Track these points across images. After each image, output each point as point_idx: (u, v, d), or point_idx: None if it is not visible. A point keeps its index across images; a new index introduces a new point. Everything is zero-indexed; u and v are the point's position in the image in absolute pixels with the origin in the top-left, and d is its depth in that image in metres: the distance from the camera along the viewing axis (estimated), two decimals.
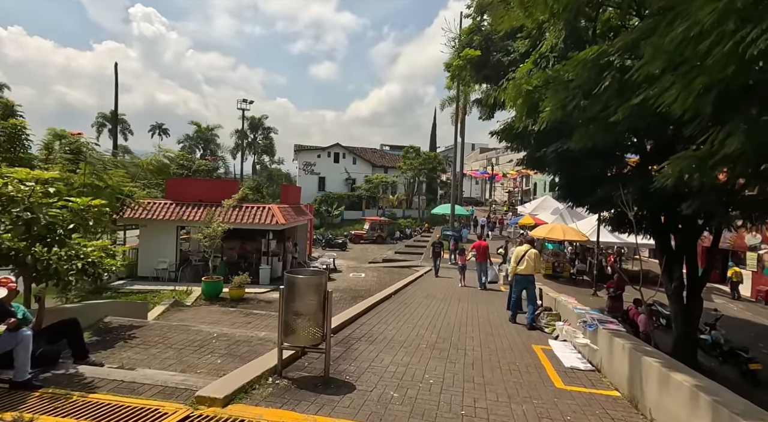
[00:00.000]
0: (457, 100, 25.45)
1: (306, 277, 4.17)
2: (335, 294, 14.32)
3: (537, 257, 7.70)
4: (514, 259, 7.66)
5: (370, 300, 8.53)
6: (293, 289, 3.98)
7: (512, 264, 7.67)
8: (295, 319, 3.92)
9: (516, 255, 7.67)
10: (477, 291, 12.26)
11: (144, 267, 15.05)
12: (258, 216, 14.88)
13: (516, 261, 7.57)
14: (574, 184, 10.09)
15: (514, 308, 7.82)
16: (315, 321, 3.95)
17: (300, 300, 3.93)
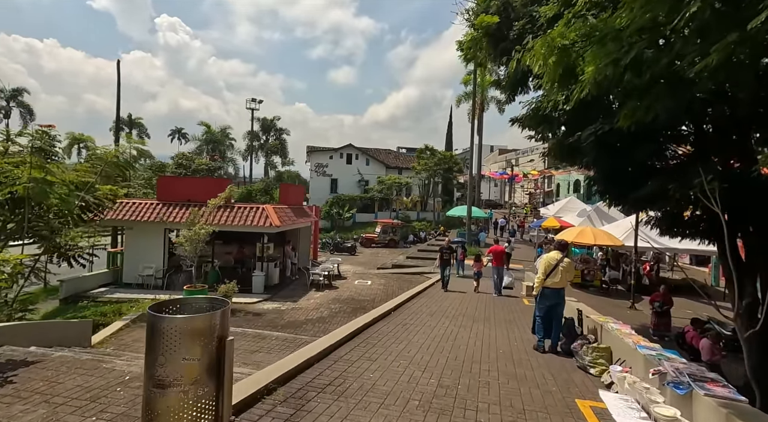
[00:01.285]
0: (474, 89, 23.61)
1: (181, 318, 2.55)
2: (334, 306, 12.81)
3: (571, 267, 5.96)
4: (542, 269, 5.91)
5: (360, 320, 6.91)
6: (157, 339, 2.38)
7: (540, 276, 5.93)
8: (158, 396, 2.33)
9: (545, 264, 5.93)
10: (493, 302, 10.49)
11: (129, 273, 13.87)
12: (250, 217, 13.50)
13: (546, 272, 5.83)
14: (615, 177, 8.22)
15: (540, 332, 6.06)
16: (198, 398, 2.33)
17: (169, 359, 2.34)
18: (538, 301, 6.04)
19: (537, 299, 5.92)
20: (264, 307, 12.21)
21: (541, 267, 5.91)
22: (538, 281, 5.96)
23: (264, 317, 11.16)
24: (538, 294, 5.98)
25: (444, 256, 12.46)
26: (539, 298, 5.96)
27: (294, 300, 13.24)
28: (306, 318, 11.26)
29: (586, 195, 34.64)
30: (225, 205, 13.64)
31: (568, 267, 5.80)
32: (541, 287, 5.91)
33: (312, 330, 10.08)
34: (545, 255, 5.86)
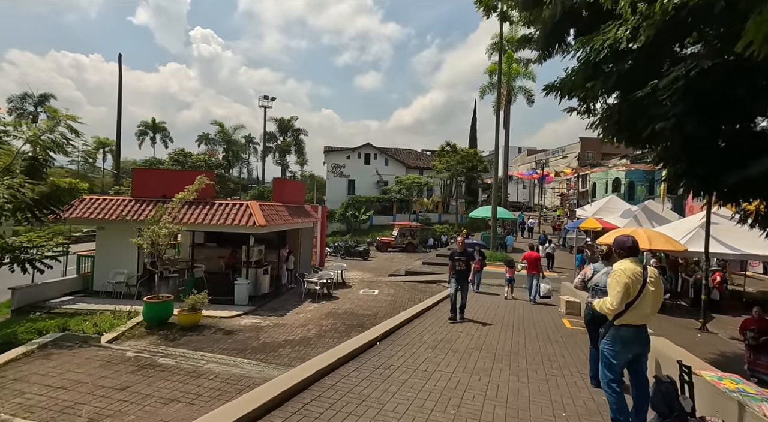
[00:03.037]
0: (500, 56, 20.86)
1: None
2: (326, 322, 10.58)
3: (661, 284, 3.37)
4: (620, 293, 3.24)
5: (326, 357, 4.65)
6: None
7: (614, 303, 3.25)
8: None
9: (626, 282, 3.25)
10: (524, 324, 7.96)
11: (100, 280, 12.20)
12: (231, 215, 11.55)
13: (628, 297, 3.24)
14: (705, 150, 5.66)
15: (623, 415, 3.37)
16: None
17: None
18: (610, 346, 3.35)
19: (607, 342, 3.36)
20: (241, 323, 10.17)
21: (616, 290, 3.24)
22: (609, 309, 3.30)
23: (236, 336, 9.10)
24: (610, 335, 3.38)
25: (457, 265, 7.99)
26: (611, 342, 3.36)
27: (280, 314, 11.14)
28: (287, 338, 9.12)
29: (628, 194, 31.06)
30: (203, 201, 11.77)
31: (658, 285, 3.30)
32: (615, 322, 3.33)
33: (287, 357, 7.93)
34: (620, 268, 3.29)
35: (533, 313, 9.62)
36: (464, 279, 8.07)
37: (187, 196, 9.75)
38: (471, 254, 8.48)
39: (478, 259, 12.63)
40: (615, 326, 3.29)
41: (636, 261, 3.39)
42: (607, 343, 3.36)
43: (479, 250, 13.66)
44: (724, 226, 14.07)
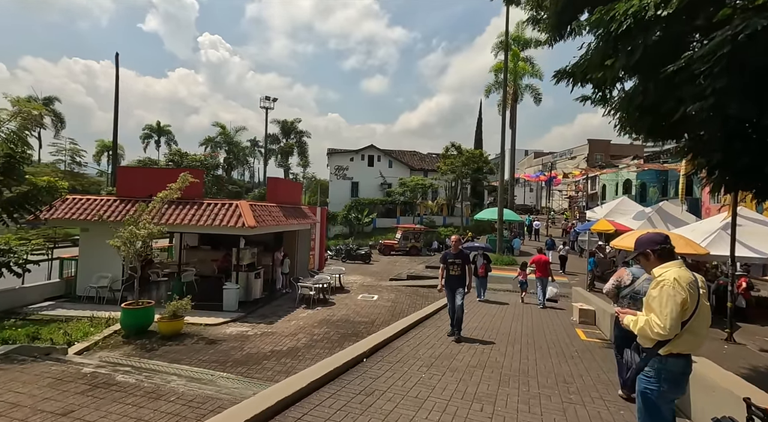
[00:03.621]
0: (506, 43, 20.09)
1: None
2: (319, 330, 9.80)
3: None
4: (673, 311, 2.35)
5: (297, 380, 3.89)
6: None
7: (666, 324, 2.34)
8: None
9: (672, 295, 2.37)
10: (534, 334, 7.15)
11: (83, 285, 11.59)
12: (219, 216, 10.88)
13: (677, 318, 2.33)
14: (746, 136, 4.84)
15: None
16: None
17: None
18: (655, 384, 2.49)
19: (649, 379, 2.46)
20: (227, 331, 9.45)
21: (670, 308, 2.36)
22: (660, 333, 2.39)
23: (218, 346, 8.39)
24: (653, 369, 2.49)
25: (451, 269, 6.67)
26: (656, 379, 2.48)
27: (270, 322, 10.41)
28: (274, 348, 8.38)
29: (640, 196, 30.01)
30: (190, 201, 11.12)
31: (705, 299, 2.49)
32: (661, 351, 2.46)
33: (271, 370, 7.19)
34: (673, 277, 2.36)
35: (543, 322, 8.79)
36: (460, 287, 6.62)
37: (169, 195, 9.08)
38: (467, 257, 6.87)
39: (483, 263, 11.53)
40: (660, 356, 2.44)
41: (684, 267, 2.59)
42: (650, 381, 2.48)
43: (484, 254, 12.07)
44: (748, 228, 13.10)
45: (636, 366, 2.55)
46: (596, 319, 8.83)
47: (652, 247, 2.61)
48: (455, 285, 6.63)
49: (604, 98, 7.24)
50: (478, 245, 13.49)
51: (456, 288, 6.61)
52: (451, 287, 6.67)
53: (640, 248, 2.67)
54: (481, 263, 11.45)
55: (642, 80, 5.39)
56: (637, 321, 2.51)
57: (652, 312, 2.43)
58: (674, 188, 26.61)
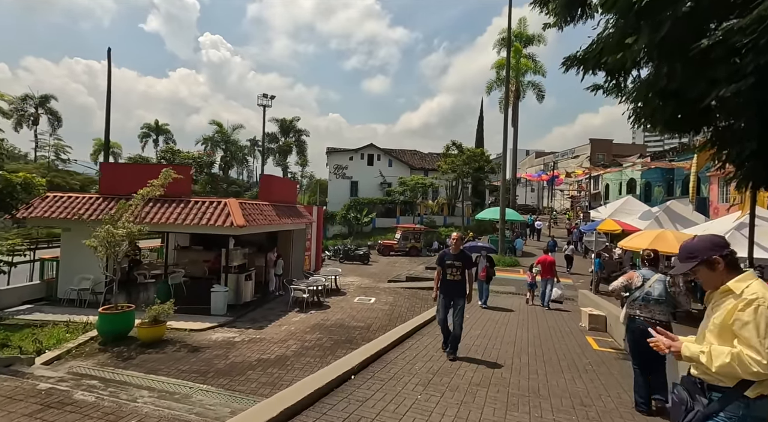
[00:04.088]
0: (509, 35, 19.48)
1: None
2: (311, 336, 9.13)
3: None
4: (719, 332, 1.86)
5: (265, 408, 3.30)
6: None
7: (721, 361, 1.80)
8: None
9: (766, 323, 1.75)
10: (542, 341, 6.57)
11: (65, 287, 11.02)
12: (207, 214, 10.30)
13: None
14: None
15: None
16: None
17: None
18: None
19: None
20: (212, 337, 8.87)
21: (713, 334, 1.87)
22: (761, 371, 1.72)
23: (201, 354, 7.81)
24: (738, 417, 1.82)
25: (449, 273, 5.52)
26: None
27: (260, 327, 9.84)
28: (261, 356, 7.79)
29: (644, 195, 29.38)
30: (176, 199, 10.54)
31: None
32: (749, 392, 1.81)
33: (255, 382, 6.60)
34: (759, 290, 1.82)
35: (550, 328, 8.20)
36: (459, 296, 5.42)
37: (150, 192, 8.50)
38: (470, 259, 5.65)
39: (485, 266, 10.67)
40: (747, 399, 1.80)
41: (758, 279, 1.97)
42: None
43: (487, 255, 11.13)
44: (764, 228, 12.48)
45: (705, 411, 1.90)
46: (607, 326, 8.23)
47: (720, 253, 1.98)
48: (453, 293, 5.46)
49: (617, 86, 6.68)
50: (481, 245, 12.60)
51: (453, 297, 5.44)
52: (448, 294, 5.48)
53: (703, 254, 2.00)
54: (483, 265, 10.62)
55: (667, 60, 4.80)
56: (709, 353, 1.85)
57: (741, 342, 1.79)
58: (680, 187, 25.99)
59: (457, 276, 5.46)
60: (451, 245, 5.74)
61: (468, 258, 5.61)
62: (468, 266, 5.56)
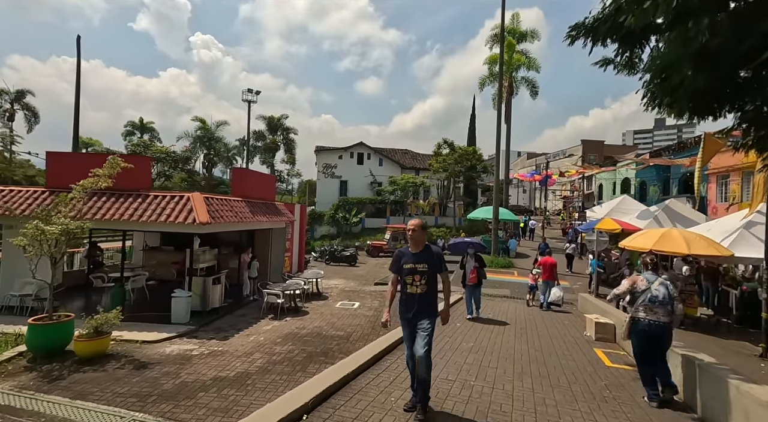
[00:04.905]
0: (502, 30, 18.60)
1: None
2: (282, 348, 7.88)
3: None
4: None
5: None
6: None
7: None
8: None
9: None
10: (544, 350, 5.59)
11: (5, 293, 9.76)
12: (167, 210, 9.14)
13: None
14: None
15: None
16: None
17: None
18: None
19: None
20: (166, 351, 7.72)
21: None
22: None
23: (148, 372, 6.65)
24: None
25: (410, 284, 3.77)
26: None
27: (225, 337, 8.70)
28: (218, 374, 6.67)
29: (639, 195, 28.76)
30: (133, 193, 9.35)
31: None
32: None
33: (205, 408, 5.47)
34: None
35: (552, 338, 7.22)
36: (425, 315, 3.66)
37: (94, 184, 7.33)
38: (440, 260, 3.82)
39: (475, 267, 8.91)
40: None
41: None
42: None
43: (476, 254, 9.28)
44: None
45: None
46: (616, 336, 7.26)
47: None
48: (417, 313, 3.64)
49: (630, 61, 5.74)
50: (468, 240, 10.72)
51: (418, 319, 3.63)
52: (410, 313, 3.69)
53: None
54: (471, 266, 8.93)
55: (707, 11, 3.83)
56: None
57: None
58: (677, 186, 25.37)
59: (421, 287, 3.63)
60: (409, 239, 3.80)
61: (437, 258, 3.76)
62: (438, 269, 3.74)
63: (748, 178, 19.36)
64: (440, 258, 3.82)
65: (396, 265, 3.84)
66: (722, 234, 11.70)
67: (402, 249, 3.97)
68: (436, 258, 3.76)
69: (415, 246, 3.79)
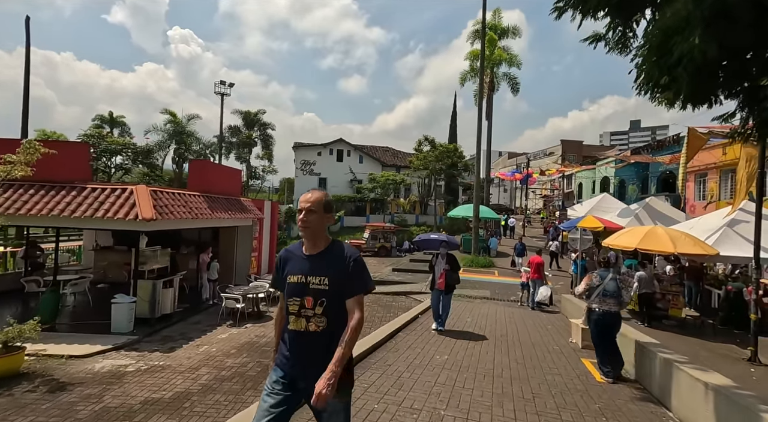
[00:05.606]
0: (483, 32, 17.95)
1: None
2: (235, 361, 6.72)
3: None
4: None
5: None
6: None
7: None
8: None
9: None
10: (527, 362, 4.86)
11: None
12: (106, 205, 8.03)
13: None
14: None
15: None
16: None
17: None
18: None
19: None
20: (96, 367, 6.66)
21: None
22: None
23: (65, 396, 5.61)
24: None
25: (296, 316, 2.00)
26: None
27: (171, 348, 7.68)
28: (153, 395, 5.68)
29: (618, 193, 28.79)
30: (66, 185, 8.19)
31: None
32: None
33: None
34: None
35: (536, 346, 6.52)
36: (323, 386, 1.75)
37: (5, 172, 6.19)
38: (353, 273, 2.00)
39: (444, 270, 7.11)
40: None
41: None
42: None
43: (447, 253, 7.34)
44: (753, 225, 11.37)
45: None
46: None
47: None
48: (307, 375, 1.92)
49: (624, 36, 5.07)
50: (435, 237, 8.57)
51: (308, 389, 1.84)
52: (290, 372, 2.03)
53: None
54: (441, 268, 7.14)
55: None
56: None
57: None
58: (655, 185, 25.42)
59: (316, 321, 1.98)
60: (300, 228, 2.06)
61: (351, 268, 2.01)
62: (349, 288, 1.99)
63: (726, 176, 19.36)
64: (357, 268, 2.02)
65: (278, 277, 2.18)
66: (705, 232, 11.35)
67: (291, 247, 2.21)
68: (347, 267, 2.00)
69: (311, 242, 2.06)
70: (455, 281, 7.26)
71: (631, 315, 10.78)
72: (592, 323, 5.32)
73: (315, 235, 2.05)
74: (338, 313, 1.97)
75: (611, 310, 5.19)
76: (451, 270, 7.18)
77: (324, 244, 2.08)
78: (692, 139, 13.07)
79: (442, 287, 7.05)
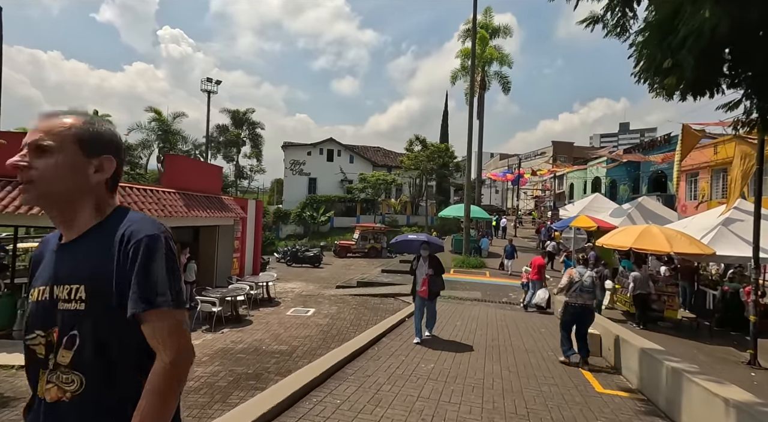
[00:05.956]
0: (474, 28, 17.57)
1: None
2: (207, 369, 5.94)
3: None
4: None
5: None
6: None
7: None
8: None
9: None
10: (518, 369, 4.40)
11: None
12: None
13: None
14: None
15: None
16: None
17: None
18: None
19: None
20: None
21: None
22: None
23: (5, 413, 5.01)
24: None
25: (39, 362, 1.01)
26: None
27: None
28: None
29: (610, 193, 28.67)
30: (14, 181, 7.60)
31: None
32: None
33: None
34: None
35: (529, 353, 6.09)
36: None
37: None
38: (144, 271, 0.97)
39: (427, 275, 6.26)
40: None
41: None
42: None
43: (430, 256, 6.52)
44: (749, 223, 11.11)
45: None
46: (602, 348, 6.21)
47: None
48: None
49: (623, 18, 4.69)
50: (413, 237, 7.30)
51: None
52: None
53: None
54: (424, 273, 6.29)
55: None
56: None
57: None
58: (646, 185, 25.33)
59: (65, 386, 0.97)
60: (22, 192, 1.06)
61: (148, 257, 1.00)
62: (151, 298, 0.96)
63: (718, 175, 19.25)
64: (148, 257, 1.01)
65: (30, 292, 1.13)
66: (700, 231, 11.07)
67: (50, 234, 1.17)
68: (124, 258, 1.00)
69: (59, 218, 1.07)
70: (440, 287, 6.39)
71: (626, 317, 10.44)
72: (569, 314, 5.77)
73: (58, 204, 1.03)
74: (107, 361, 0.98)
75: (586, 304, 5.67)
76: (435, 274, 6.27)
77: (91, 220, 1.06)
78: (686, 136, 12.81)
79: (425, 295, 6.19)
